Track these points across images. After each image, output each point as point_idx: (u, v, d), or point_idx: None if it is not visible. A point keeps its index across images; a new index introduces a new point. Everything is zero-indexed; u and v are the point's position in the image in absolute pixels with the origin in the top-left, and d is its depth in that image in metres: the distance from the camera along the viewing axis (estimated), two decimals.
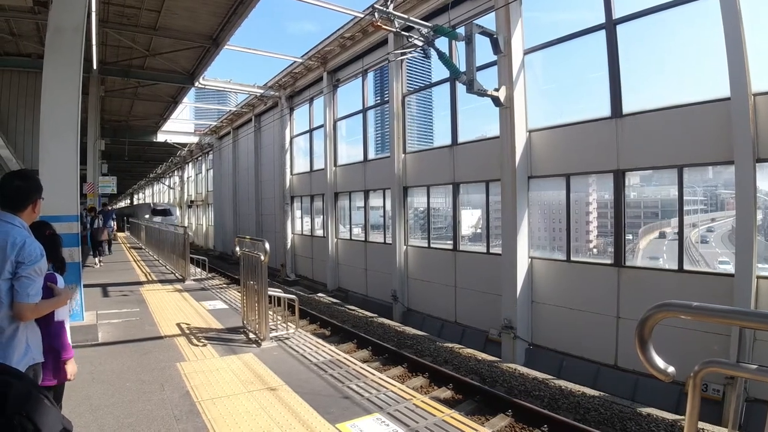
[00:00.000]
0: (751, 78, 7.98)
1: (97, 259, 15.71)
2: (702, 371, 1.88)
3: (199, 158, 44.48)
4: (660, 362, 1.93)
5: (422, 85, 17.35)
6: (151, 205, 44.02)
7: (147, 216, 34.96)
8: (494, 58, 12.01)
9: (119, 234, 33.15)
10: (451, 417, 4.39)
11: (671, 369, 1.94)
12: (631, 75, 10.16)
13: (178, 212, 47.57)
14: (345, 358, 6.17)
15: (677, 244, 9.25)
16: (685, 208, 9.28)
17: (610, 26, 10.26)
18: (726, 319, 1.90)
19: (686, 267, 9.16)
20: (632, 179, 10.49)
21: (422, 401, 4.77)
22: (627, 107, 10.01)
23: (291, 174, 25.25)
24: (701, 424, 7.14)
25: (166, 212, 39.87)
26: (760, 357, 7.71)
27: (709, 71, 8.97)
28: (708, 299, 7.75)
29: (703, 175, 9.57)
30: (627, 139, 9.89)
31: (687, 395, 1.95)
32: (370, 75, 19.29)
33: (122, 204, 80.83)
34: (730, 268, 8.66)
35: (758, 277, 7.99)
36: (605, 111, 10.34)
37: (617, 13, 10.16)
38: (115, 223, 23.72)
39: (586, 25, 10.83)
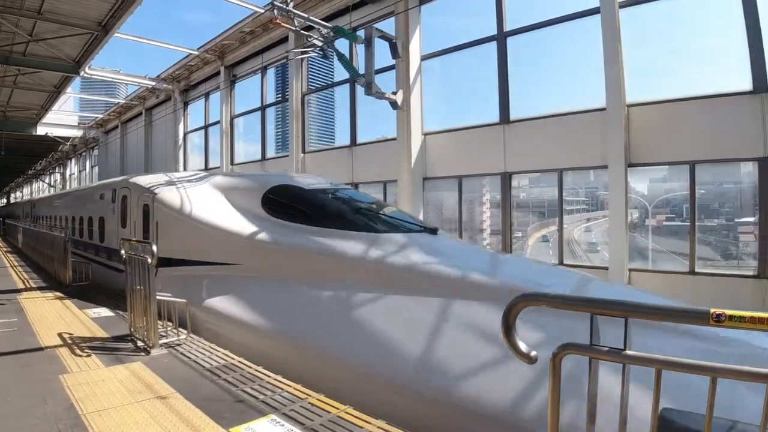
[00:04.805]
0: (626, 90, 8.94)
1: None
2: (560, 354, 2.09)
3: (84, 153, 41.29)
4: (523, 347, 2.12)
5: (324, 84, 17.35)
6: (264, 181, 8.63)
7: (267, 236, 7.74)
8: (393, 62, 12.31)
9: None
10: (346, 413, 4.46)
11: (534, 353, 2.14)
12: (519, 84, 10.89)
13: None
14: (239, 361, 6.03)
15: (558, 241, 10.04)
16: (568, 207, 10.13)
17: (501, 38, 10.92)
18: (578, 307, 2.14)
19: (566, 261, 9.97)
20: (521, 181, 11.19)
21: (318, 399, 4.78)
22: (514, 114, 10.71)
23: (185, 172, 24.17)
24: None
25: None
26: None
27: (589, 83, 9.87)
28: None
29: (585, 178, 10.45)
30: (514, 144, 10.58)
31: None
32: (271, 72, 18.97)
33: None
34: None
35: (630, 270, 8.95)
36: (494, 117, 10.98)
37: (508, 26, 10.84)
38: None
39: (483, 33, 11.44)
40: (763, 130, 7.70)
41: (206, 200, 8.38)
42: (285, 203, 7.93)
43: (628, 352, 1.99)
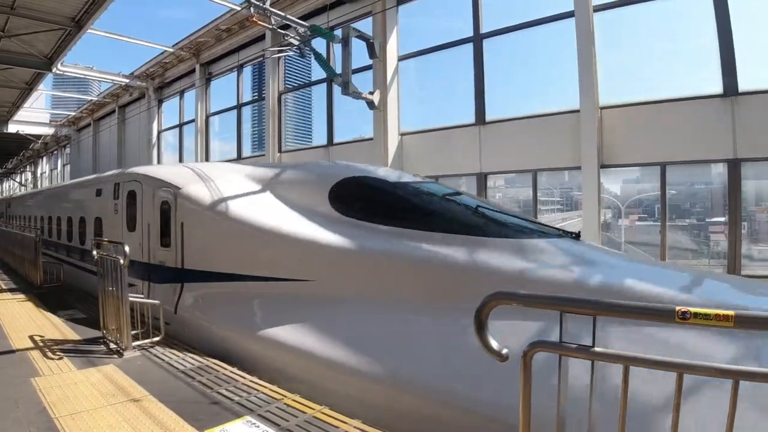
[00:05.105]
0: (599, 92, 9.08)
1: None
2: (531, 351, 2.09)
3: (55, 152, 40.41)
4: (495, 344, 2.12)
5: (301, 83, 17.26)
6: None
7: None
8: (371, 62, 12.30)
9: None
10: (321, 413, 4.43)
11: (505, 350, 2.14)
12: (495, 85, 10.97)
13: None
14: (214, 363, 5.95)
15: None
16: (543, 207, 10.25)
17: (477, 40, 10.98)
18: (548, 306, 2.15)
19: None
20: (497, 181, 11.28)
21: (293, 400, 4.74)
22: (490, 115, 10.78)
23: None
24: None
25: None
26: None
27: (563, 85, 9.99)
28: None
29: (559, 178, 10.58)
30: (489, 145, 10.64)
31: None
32: (247, 70, 18.81)
33: None
34: None
35: None
36: (470, 118, 11.04)
37: (484, 28, 10.90)
38: None
39: (460, 35, 11.49)
40: (732, 133, 7.87)
41: (249, 196, 6.42)
42: (369, 200, 5.88)
43: (596, 349, 2.00)
